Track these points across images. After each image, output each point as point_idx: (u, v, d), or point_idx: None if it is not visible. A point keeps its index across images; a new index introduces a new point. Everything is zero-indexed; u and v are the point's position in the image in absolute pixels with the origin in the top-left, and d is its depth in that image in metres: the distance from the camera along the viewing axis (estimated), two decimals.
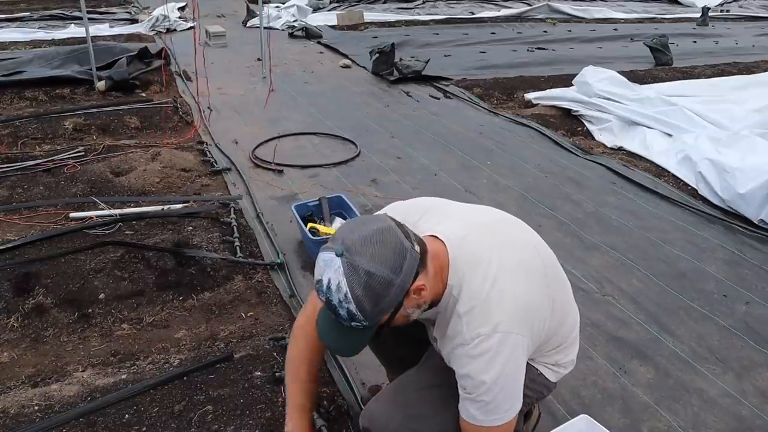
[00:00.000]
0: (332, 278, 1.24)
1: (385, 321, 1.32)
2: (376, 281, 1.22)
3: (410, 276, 1.27)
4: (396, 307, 1.30)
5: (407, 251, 1.26)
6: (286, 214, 3.32)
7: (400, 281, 1.25)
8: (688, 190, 3.86)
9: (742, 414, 2.09)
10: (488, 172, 4.06)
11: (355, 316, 1.25)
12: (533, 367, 1.58)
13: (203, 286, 2.67)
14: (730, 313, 2.63)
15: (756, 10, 12.95)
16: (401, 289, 1.26)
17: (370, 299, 1.23)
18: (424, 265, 1.32)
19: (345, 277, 1.22)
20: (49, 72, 5.55)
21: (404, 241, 1.27)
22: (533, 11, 11.10)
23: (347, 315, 1.25)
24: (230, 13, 10.29)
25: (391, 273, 1.24)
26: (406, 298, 1.30)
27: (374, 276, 1.22)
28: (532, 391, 1.59)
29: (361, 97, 5.78)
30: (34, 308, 2.44)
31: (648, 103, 5.00)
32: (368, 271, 1.22)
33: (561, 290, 1.57)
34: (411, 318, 1.39)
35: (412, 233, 1.33)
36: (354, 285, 1.22)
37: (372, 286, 1.22)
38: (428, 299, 1.37)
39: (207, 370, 2.10)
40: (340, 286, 1.23)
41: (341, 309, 1.25)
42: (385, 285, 1.23)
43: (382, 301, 1.25)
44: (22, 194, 3.44)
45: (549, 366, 1.61)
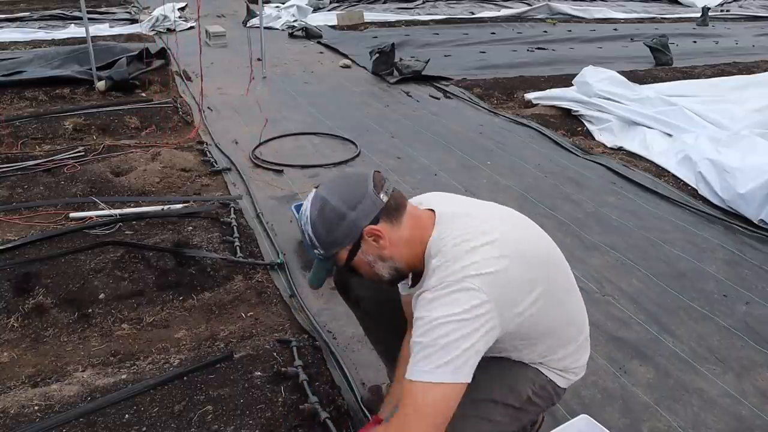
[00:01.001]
0: (305, 204, 1.42)
1: (345, 260, 1.41)
2: (328, 208, 1.36)
3: (366, 217, 1.35)
4: (352, 245, 1.38)
5: (368, 194, 1.36)
6: (286, 214, 3.32)
7: (353, 216, 1.35)
8: (688, 190, 3.86)
9: (742, 414, 2.09)
10: (488, 172, 4.06)
11: (313, 240, 1.39)
12: (542, 374, 1.55)
13: (203, 286, 2.67)
14: (730, 313, 2.63)
15: (756, 10, 12.96)
16: (354, 225, 1.35)
17: (322, 225, 1.37)
18: (391, 217, 1.38)
19: (310, 203, 1.40)
20: (49, 72, 5.55)
21: (369, 187, 1.37)
22: (533, 11, 11.10)
23: (308, 240, 1.40)
24: (230, 13, 10.29)
25: (344, 206, 1.35)
26: (364, 241, 1.37)
27: (328, 203, 1.36)
28: (541, 399, 1.56)
29: (361, 97, 5.78)
30: (34, 308, 2.44)
31: (648, 103, 5.00)
32: (324, 198, 1.37)
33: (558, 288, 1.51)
34: (378, 271, 1.42)
35: (391, 190, 1.40)
36: (313, 209, 1.38)
37: (325, 212, 1.36)
38: (394, 255, 1.40)
39: (207, 370, 2.10)
40: (305, 210, 1.40)
41: (305, 234, 1.40)
42: (336, 215, 1.35)
43: (334, 231, 1.36)
44: (22, 194, 3.44)
45: (558, 372, 1.57)
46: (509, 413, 1.52)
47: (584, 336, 1.63)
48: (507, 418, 1.51)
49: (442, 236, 1.39)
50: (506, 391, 1.51)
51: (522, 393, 1.53)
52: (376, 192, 1.36)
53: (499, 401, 1.50)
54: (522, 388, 1.53)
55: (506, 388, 1.52)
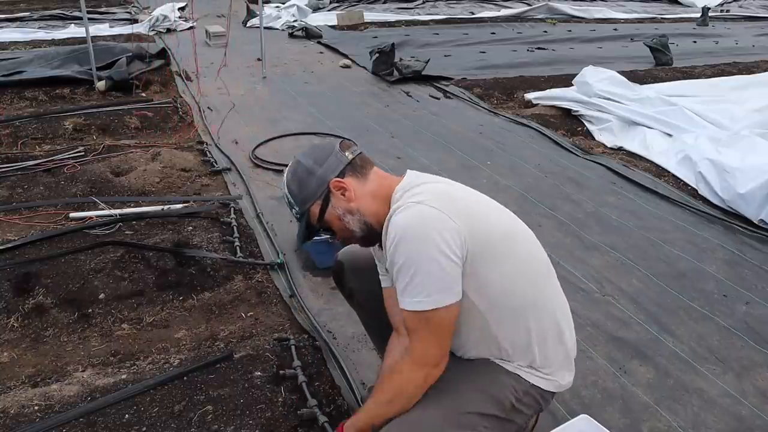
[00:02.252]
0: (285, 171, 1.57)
1: (318, 216, 1.53)
2: (300, 168, 1.53)
3: (332, 171, 1.51)
4: (322, 199, 1.51)
5: (334, 152, 1.53)
6: (286, 214, 3.32)
7: (320, 171, 1.51)
8: (688, 190, 3.86)
9: (742, 414, 2.09)
10: (488, 172, 4.06)
11: (289, 199, 1.55)
12: (523, 380, 1.52)
13: (203, 286, 2.67)
14: (730, 313, 2.63)
15: (756, 10, 12.97)
16: (321, 178, 1.51)
17: (295, 182, 1.53)
18: (356, 173, 1.52)
19: (287, 168, 1.57)
20: (49, 72, 5.55)
21: (336, 148, 1.54)
22: (533, 11, 11.11)
23: (287, 202, 1.56)
24: (230, 13, 10.28)
25: (314, 163, 1.52)
26: (332, 195, 1.51)
27: (300, 164, 1.54)
28: (526, 406, 1.53)
29: (361, 97, 5.78)
30: (34, 308, 2.44)
31: (648, 103, 5.00)
32: (297, 160, 1.56)
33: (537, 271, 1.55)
34: (348, 225, 1.52)
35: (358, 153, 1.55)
36: (288, 172, 1.56)
37: (297, 171, 1.53)
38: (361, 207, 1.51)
39: (207, 370, 2.10)
40: (284, 175, 1.57)
41: (286, 198, 1.56)
42: (306, 171, 1.52)
43: (306, 186, 1.52)
44: (22, 194, 3.44)
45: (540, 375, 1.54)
46: (495, 424, 1.48)
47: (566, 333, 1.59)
48: (492, 430, 1.47)
49: (406, 187, 1.50)
50: (488, 400, 1.49)
51: (505, 402, 1.50)
52: (342, 151, 1.54)
53: (482, 413, 1.47)
54: (504, 396, 1.50)
55: (487, 397, 1.49)
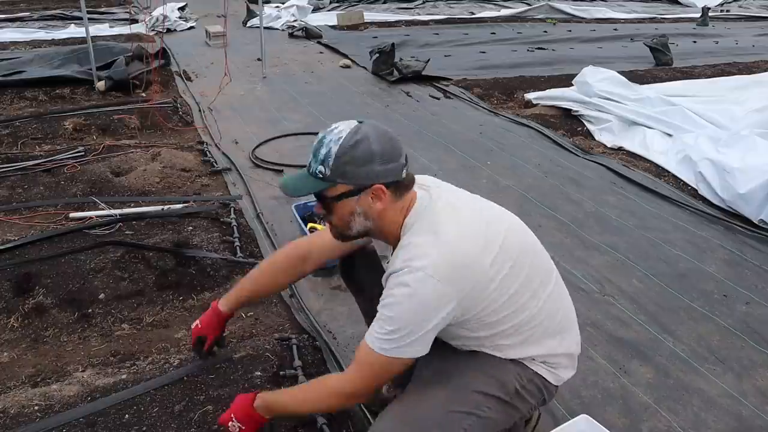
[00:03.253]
0: (341, 127, 1.43)
1: (336, 195, 1.44)
2: (364, 146, 1.39)
3: (387, 175, 1.42)
4: (356, 187, 1.42)
5: (401, 162, 1.44)
6: (286, 214, 3.32)
7: (376, 167, 1.40)
8: (688, 190, 3.86)
9: (742, 414, 2.09)
10: (488, 172, 4.06)
11: (328, 158, 1.40)
12: (528, 368, 1.55)
13: (203, 286, 2.67)
14: (730, 313, 2.63)
15: (756, 10, 12.97)
16: (371, 174, 1.41)
17: (350, 153, 1.39)
18: (398, 191, 1.46)
19: (349, 129, 1.41)
20: (49, 72, 5.55)
21: (403, 158, 1.45)
22: (533, 11, 11.11)
23: (324, 154, 1.41)
24: (230, 13, 10.24)
25: (381, 154, 1.40)
26: (365, 193, 1.43)
27: (368, 142, 1.39)
28: (530, 394, 1.56)
29: (361, 97, 5.78)
30: (34, 308, 2.44)
31: (648, 103, 5.00)
32: (367, 136, 1.40)
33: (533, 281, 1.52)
34: (352, 222, 1.48)
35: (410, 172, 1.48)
36: (349, 137, 1.40)
37: (360, 146, 1.39)
38: (377, 221, 1.48)
39: (207, 370, 2.10)
40: (341, 132, 1.41)
41: (324, 147, 1.42)
42: (367, 155, 1.39)
43: (356, 165, 1.40)
44: (22, 194, 3.44)
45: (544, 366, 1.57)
46: (498, 407, 1.50)
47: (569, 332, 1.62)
48: (495, 412, 1.50)
49: (414, 215, 1.48)
50: (492, 382, 1.51)
51: (509, 385, 1.52)
52: (405, 165, 1.45)
53: (485, 392, 1.49)
54: (509, 380, 1.52)
55: (491, 379, 1.51)
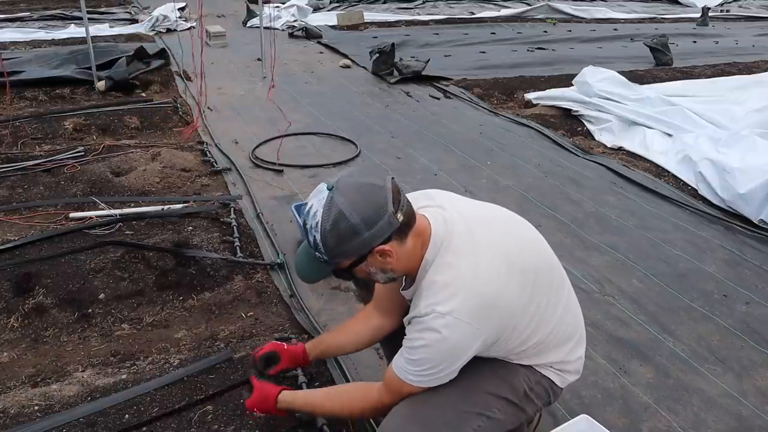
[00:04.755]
0: (314, 205, 1.35)
1: (346, 267, 1.41)
2: (344, 224, 1.31)
3: (380, 236, 1.34)
4: (358, 258, 1.37)
5: (386, 214, 1.32)
6: (286, 214, 3.32)
7: (367, 235, 1.32)
8: (688, 190, 3.86)
9: (742, 414, 2.09)
10: (488, 172, 4.06)
11: (318, 247, 1.35)
12: (536, 371, 1.56)
13: (203, 286, 2.67)
14: (730, 313, 2.63)
15: (756, 10, 12.96)
16: (366, 243, 1.33)
17: (334, 237, 1.32)
18: (402, 235, 1.38)
19: (322, 209, 1.32)
20: (49, 72, 5.55)
21: (389, 205, 1.33)
22: (533, 11, 11.10)
23: (312, 242, 1.36)
24: (230, 13, 10.29)
25: (361, 223, 1.31)
26: (371, 256, 1.37)
27: (345, 219, 1.31)
28: (537, 396, 1.57)
29: (361, 97, 5.78)
30: (34, 308, 2.44)
31: (648, 103, 5.00)
32: (341, 212, 1.31)
33: (551, 296, 1.51)
34: (374, 278, 1.47)
35: (406, 206, 1.38)
36: (325, 218, 1.32)
37: (339, 226, 1.31)
38: (396, 268, 1.42)
39: (207, 370, 2.10)
40: (316, 214, 1.33)
41: (310, 235, 1.36)
42: (351, 231, 1.31)
43: (344, 245, 1.33)
44: (22, 194, 3.44)
45: (552, 369, 1.58)
46: (507, 408, 1.51)
47: (576, 338, 1.63)
48: (504, 414, 1.51)
49: (435, 250, 1.42)
50: (501, 383, 1.52)
51: (518, 387, 1.53)
52: (394, 211, 1.33)
53: (496, 394, 1.50)
54: (518, 383, 1.53)
55: (501, 381, 1.52)
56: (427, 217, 1.46)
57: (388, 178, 1.38)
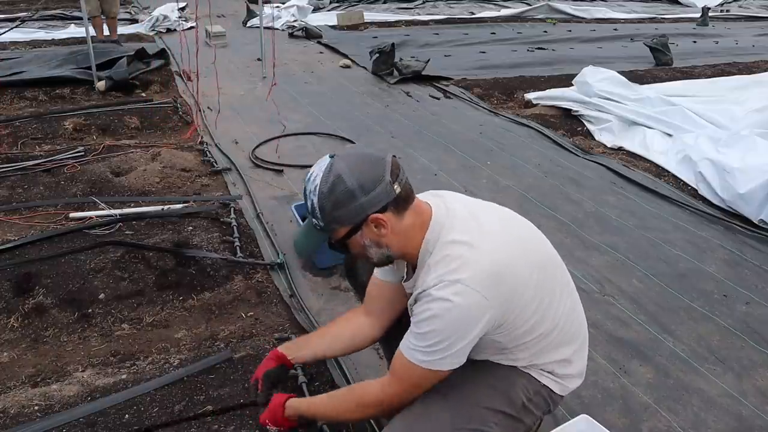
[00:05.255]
0: (315, 171, 1.38)
1: (341, 237, 1.41)
2: (341, 187, 1.33)
3: (376, 203, 1.35)
4: (353, 226, 1.38)
5: (383, 182, 1.35)
6: (286, 214, 3.32)
7: (363, 201, 1.34)
8: (688, 190, 3.86)
9: (742, 414, 2.09)
10: (488, 172, 4.06)
11: (315, 212, 1.37)
12: (535, 380, 1.54)
13: (203, 286, 2.66)
14: (730, 313, 2.63)
15: (756, 10, 12.97)
16: (362, 209, 1.35)
17: (330, 201, 1.34)
18: (399, 209, 1.39)
19: (321, 173, 1.36)
20: (49, 72, 5.54)
21: (386, 175, 1.35)
22: (533, 11, 11.10)
23: (310, 207, 1.38)
24: (230, 13, 10.29)
25: (358, 189, 1.33)
26: (366, 225, 1.38)
27: (342, 182, 1.33)
28: (536, 406, 1.55)
29: (361, 97, 5.78)
30: (34, 308, 2.44)
31: (648, 103, 5.00)
32: (339, 175, 1.33)
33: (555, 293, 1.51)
34: (369, 254, 1.45)
35: (404, 181, 1.40)
36: (324, 182, 1.34)
37: (336, 189, 1.34)
38: (391, 243, 1.42)
39: (206, 370, 2.10)
40: (316, 179, 1.36)
41: (308, 200, 1.38)
42: (347, 195, 1.33)
43: (340, 209, 1.35)
44: (22, 194, 3.44)
45: (552, 377, 1.56)
46: (505, 422, 1.50)
47: (579, 342, 1.62)
48: (501, 428, 1.49)
49: (437, 229, 1.42)
50: (499, 396, 1.50)
51: (516, 400, 1.51)
52: (392, 181, 1.36)
53: (492, 408, 1.48)
54: (516, 395, 1.51)
55: (498, 394, 1.50)
56: (428, 202, 1.48)
57: (389, 154, 1.41)
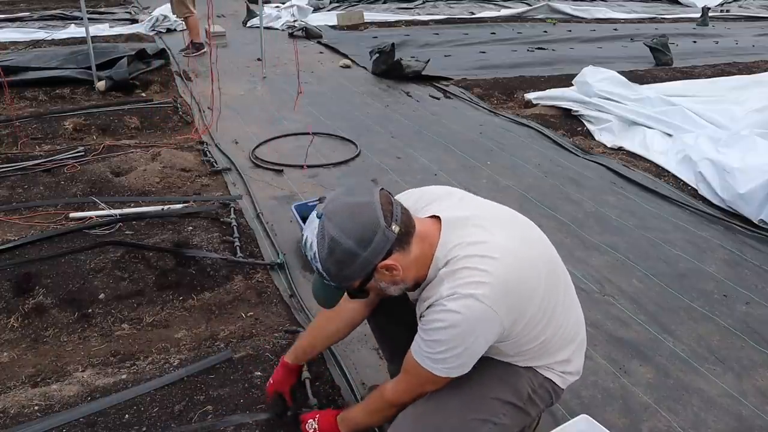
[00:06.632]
0: (309, 236, 1.35)
1: (357, 287, 1.40)
2: (339, 250, 1.30)
3: (379, 253, 1.32)
4: (365, 277, 1.37)
5: (379, 229, 1.31)
6: (286, 214, 3.32)
7: (366, 255, 1.31)
8: (688, 190, 3.86)
9: (742, 414, 2.09)
10: (488, 172, 4.06)
11: (323, 275, 1.36)
12: (539, 373, 1.56)
13: (203, 286, 2.67)
14: (730, 313, 2.63)
15: (756, 10, 12.97)
16: (367, 262, 1.33)
17: (333, 264, 1.33)
18: (403, 245, 1.36)
19: (316, 239, 1.32)
20: (49, 72, 5.54)
21: (380, 220, 1.31)
22: (533, 11, 11.10)
23: (318, 272, 1.37)
24: (230, 13, 10.29)
25: (356, 245, 1.30)
26: (377, 273, 1.36)
27: (338, 244, 1.30)
28: (540, 398, 1.57)
29: (361, 97, 5.78)
30: (34, 308, 2.44)
31: (648, 103, 5.00)
32: (333, 239, 1.30)
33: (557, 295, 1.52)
34: (388, 292, 1.45)
35: (401, 215, 1.36)
36: (321, 248, 1.32)
37: (335, 253, 1.31)
38: (406, 278, 1.41)
39: (206, 370, 2.10)
40: (312, 245, 1.34)
41: (313, 265, 1.37)
42: (348, 255, 1.31)
43: (346, 269, 1.33)
44: (22, 194, 3.44)
45: (554, 371, 1.58)
46: (512, 413, 1.52)
47: (579, 339, 1.63)
48: (510, 419, 1.52)
49: (449, 247, 1.41)
50: (506, 388, 1.52)
51: (522, 391, 1.53)
52: (388, 225, 1.32)
53: (501, 399, 1.51)
54: (522, 387, 1.54)
55: (506, 386, 1.52)
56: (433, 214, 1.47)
57: (376, 191, 1.36)
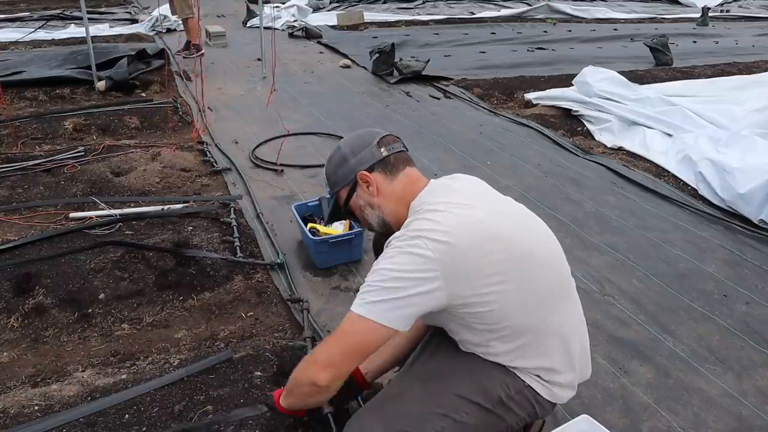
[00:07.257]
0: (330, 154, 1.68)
1: (344, 200, 1.63)
2: (339, 153, 1.63)
3: (363, 162, 1.57)
4: (350, 185, 1.60)
5: (370, 146, 1.59)
6: (286, 214, 3.32)
7: (353, 161, 1.59)
8: (688, 190, 3.86)
9: (742, 414, 2.09)
10: (488, 172, 4.06)
11: (326, 179, 1.67)
12: (519, 379, 1.50)
13: (203, 286, 2.67)
14: (730, 313, 2.63)
15: (756, 11, 12.98)
16: (350, 169, 1.59)
17: (331, 166, 1.65)
18: (386, 170, 1.57)
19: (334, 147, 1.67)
20: (49, 72, 5.54)
21: (374, 140, 1.60)
22: (533, 11, 11.10)
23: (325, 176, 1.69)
24: (230, 13, 10.29)
25: (349, 153, 1.60)
26: (359, 186, 1.59)
27: (339, 150, 1.63)
28: (518, 405, 1.51)
29: (361, 97, 5.78)
30: (34, 308, 2.44)
31: (648, 103, 5.00)
32: (338, 146, 1.65)
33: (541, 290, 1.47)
34: (367, 217, 1.61)
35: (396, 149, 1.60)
36: (331, 153, 1.66)
37: (334, 156, 1.64)
38: (382, 205, 1.57)
39: (207, 370, 2.10)
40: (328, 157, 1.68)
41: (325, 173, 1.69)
42: (341, 159, 1.61)
43: (338, 172, 1.62)
44: (22, 194, 3.44)
45: (539, 380, 1.51)
46: (478, 414, 1.47)
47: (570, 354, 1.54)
48: (473, 418, 1.46)
49: (424, 199, 1.51)
50: (474, 388, 1.48)
51: (492, 393, 1.48)
52: (378, 146, 1.58)
53: (466, 397, 1.46)
54: (493, 388, 1.48)
55: (475, 385, 1.48)
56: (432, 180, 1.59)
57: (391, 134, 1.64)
